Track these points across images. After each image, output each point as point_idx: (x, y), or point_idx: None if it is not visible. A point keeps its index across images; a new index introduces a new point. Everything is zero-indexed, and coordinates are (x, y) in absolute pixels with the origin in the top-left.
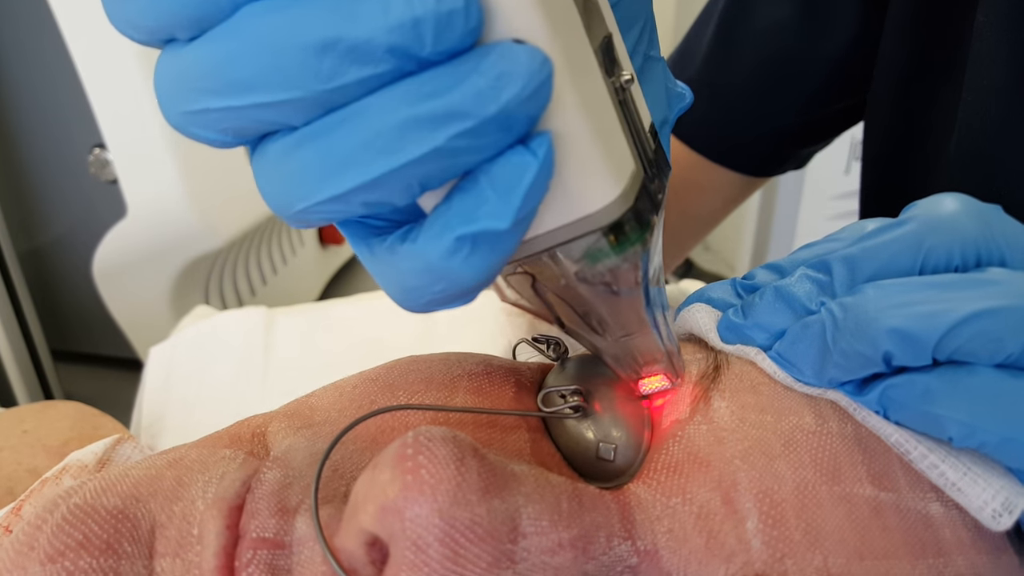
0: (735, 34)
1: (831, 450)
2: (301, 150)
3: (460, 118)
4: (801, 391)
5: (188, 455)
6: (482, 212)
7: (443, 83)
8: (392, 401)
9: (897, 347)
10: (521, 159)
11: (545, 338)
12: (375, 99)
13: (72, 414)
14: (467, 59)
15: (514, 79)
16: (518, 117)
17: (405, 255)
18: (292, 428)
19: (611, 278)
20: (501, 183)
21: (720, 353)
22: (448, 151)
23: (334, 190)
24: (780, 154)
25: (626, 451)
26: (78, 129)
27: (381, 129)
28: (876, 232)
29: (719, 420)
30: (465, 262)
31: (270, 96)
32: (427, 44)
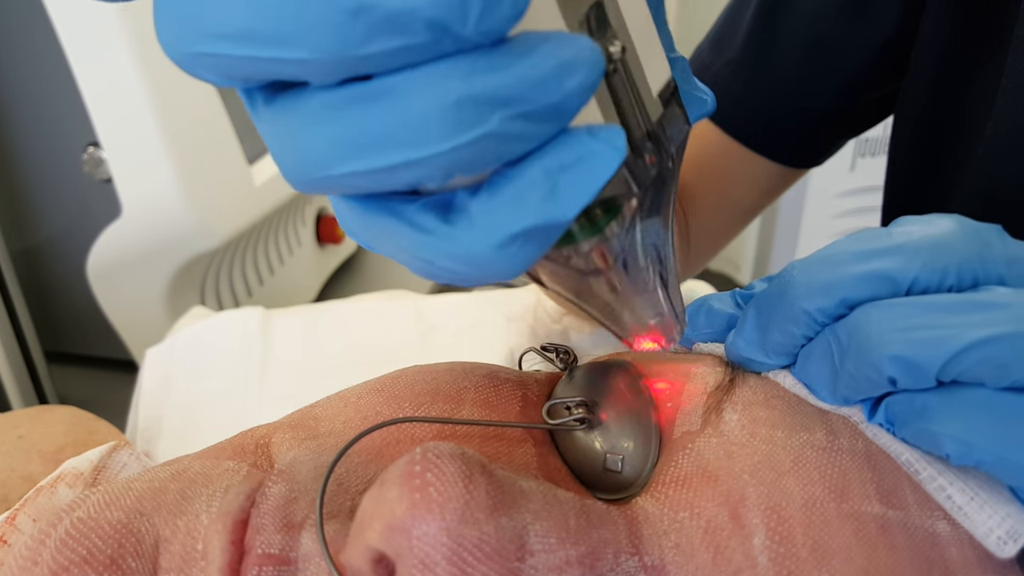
0: (777, 16)
1: (841, 467)
2: (331, 117)
3: (518, 103)
4: (816, 405)
5: (191, 467)
6: (539, 202)
7: (498, 63)
8: (397, 412)
9: (900, 373)
10: (592, 148)
11: (553, 347)
12: (418, 75)
13: (67, 419)
14: (518, 43)
15: (578, 68)
16: (570, 108)
17: (445, 237)
18: (296, 440)
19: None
20: (567, 172)
21: (737, 367)
22: (500, 136)
23: (364, 165)
24: (815, 143)
25: (634, 463)
26: (72, 127)
27: (428, 106)
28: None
29: (729, 434)
30: (512, 256)
31: (292, 53)
32: (470, 22)
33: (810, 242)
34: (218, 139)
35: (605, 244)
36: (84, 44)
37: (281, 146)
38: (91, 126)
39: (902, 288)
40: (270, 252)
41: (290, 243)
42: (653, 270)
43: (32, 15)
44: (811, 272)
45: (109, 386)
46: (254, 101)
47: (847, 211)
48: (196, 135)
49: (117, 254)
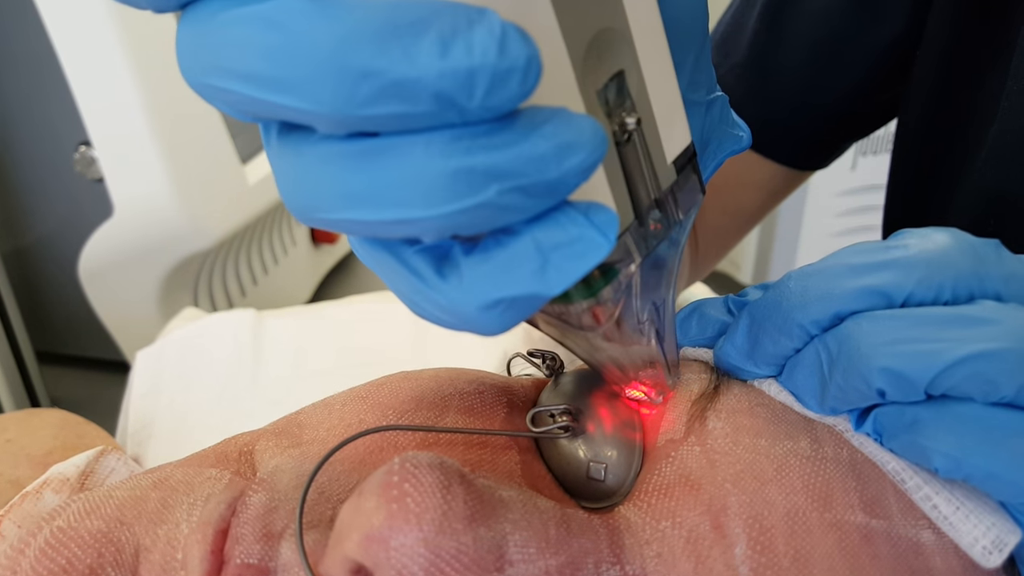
0: (783, 16)
1: (824, 476)
2: (335, 165)
3: (515, 177)
4: (801, 413)
5: (173, 475)
6: (527, 276)
7: (500, 139)
8: (381, 420)
9: (889, 385)
10: (585, 233)
11: (540, 353)
12: (420, 140)
13: (56, 422)
14: (523, 119)
15: (579, 150)
16: (567, 186)
17: (435, 288)
18: (280, 447)
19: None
20: (558, 251)
21: (722, 373)
22: (496, 207)
23: (361, 216)
24: (822, 145)
25: (617, 471)
26: (63, 126)
27: (427, 172)
28: (866, 251)
29: (713, 442)
30: (496, 318)
31: (296, 102)
32: (476, 97)
33: (811, 241)
34: (211, 138)
35: (599, 306)
36: (75, 42)
37: (287, 181)
38: (82, 125)
39: (896, 304)
40: (264, 252)
41: (284, 243)
42: (649, 326)
43: (23, 13)
44: (806, 284)
45: (100, 387)
46: (268, 131)
47: (848, 210)
48: (189, 134)
49: (109, 254)
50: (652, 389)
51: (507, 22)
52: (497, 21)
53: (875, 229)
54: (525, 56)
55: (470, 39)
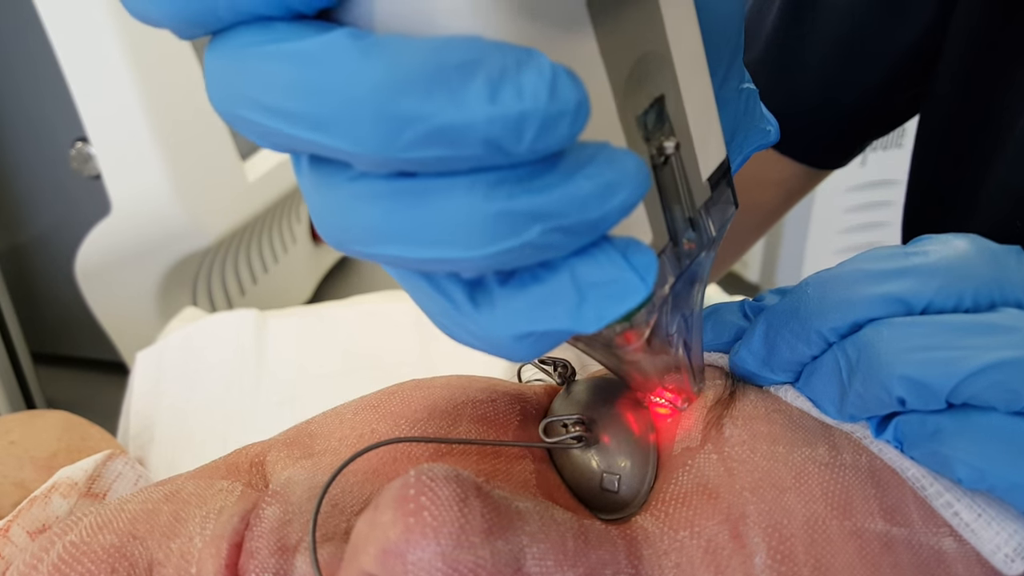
0: (804, 12)
1: (843, 483)
2: (372, 203)
3: (558, 218)
4: (818, 419)
5: (185, 487)
6: (563, 312)
7: (543, 181)
8: (394, 430)
9: (909, 393)
10: (623, 276)
11: (552, 360)
12: (463, 181)
13: (60, 424)
14: (566, 160)
15: (622, 189)
16: (608, 224)
17: (468, 316)
18: (291, 458)
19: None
20: (594, 289)
21: (738, 379)
22: (537, 246)
23: (399, 252)
24: (841, 143)
25: (630, 482)
26: (59, 121)
27: (469, 214)
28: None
29: (730, 450)
30: (528, 348)
31: (334, 142)
32: (524, 142)
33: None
34: (210, 134)
35: (631, 329)
36: (72, 36)
37: (320, 211)
38: (79, 121)
39: (916, 311)
40: (264, 250)
41: (284, 241)
42: (678, 338)
43: (19, 7)
44: (825, 291)
45: (98, 388)
46: (299, 160)
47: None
48: (188, 130)
49: (106, 253)
50: (677, 396)
51: (556, 64)
52: (547, 63)
53: (885, 225)
54: (575, 100)
55: (519, 83)
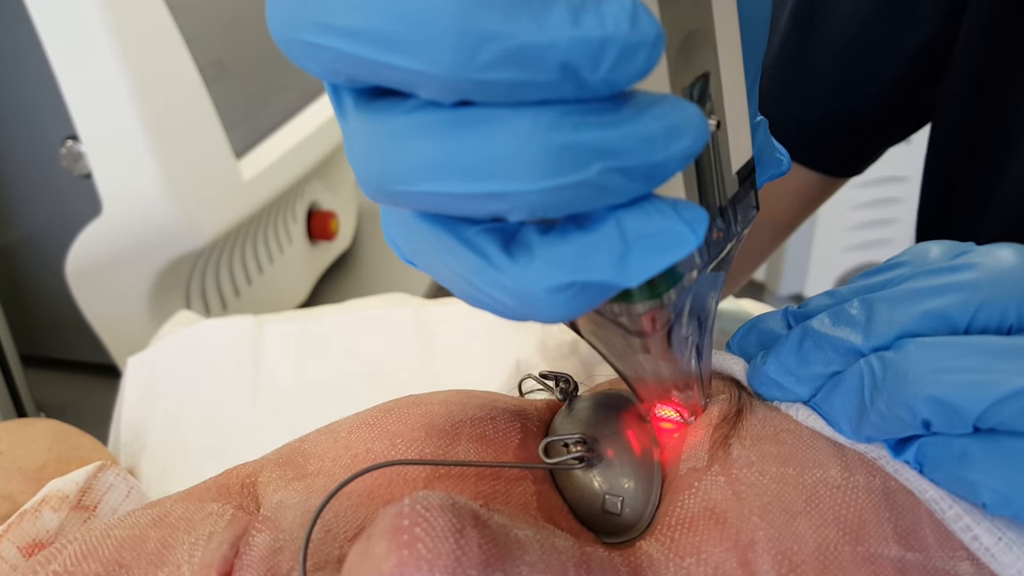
0: (816, 17)
1: (856, 507)
2: (429, 134)
3: (620, 157)
4: (830, 439)
5: (173, 511)
6: (606, 263)
7: (610, 118)
8: (390, 449)
9: (936, 416)
10: (674, 227)
11: (553, 375)
12: (529, 112)
13: (49, 434)
14: (631, 102)
15: (685, 134)
16: (668, 171)
17: (501, 268)
18: (284, 479)
19: (625, 319)
20: (641, 241)
21: (745, 394)
22: (594, 186)
23: (450, 188)
24: (856, 150)
25: (634, 504)
26: (48, 119)
27: (532, 145)
28: (930, 274)
29: (738, 472)
30: (563, 303)
31: (408, 63)
32: (601, 70)
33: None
34: (204, 132)
35: (658, 310)
36: (62, 31)
37: (365, 151)
38: (69, 118)
39: (960, 328)
40: (259, 250)
41: (280, 241)
42: (692, 342)
43: (6, 1)
44: (871, 310)
45: (89, 392)
46: (342, 101)
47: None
48: (181, 128)
49: (97, 254)
50: (684, 408)
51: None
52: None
53: (893, 222)
54: (654, 32)
55: (601, 10)
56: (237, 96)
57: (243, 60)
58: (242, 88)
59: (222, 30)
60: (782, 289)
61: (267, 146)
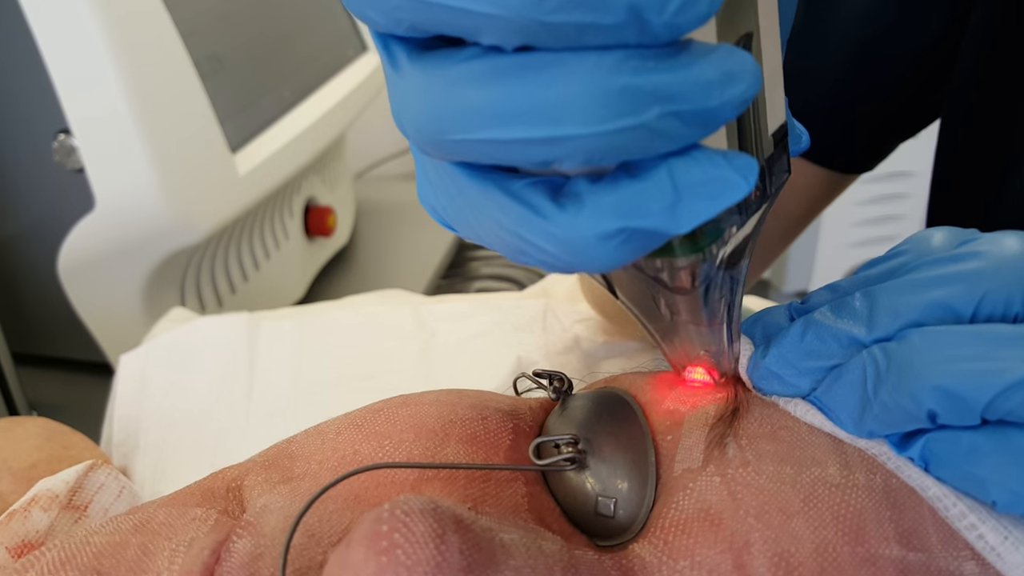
0: (822, 12)
1: (856, 506)
2: (489, 81)
3: (678, 101)
4: (829, 434)
5: (156, 516)
6: (657, 210)
7: (669, 63)
8: (378, 451)
9: (942, 406)
10: (725, 174)
11: (547, 373)
12: (591, 56)
13: (40, 433)
14: (690, 49)
15: (740, 80)
16: (722, 117)
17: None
18: (269, 483)
19: (666, 275)
20: (692, 188)
21: (743, 391)
22: (651, 130)
23: (507, 134)
24: (864, 147)
25: (627, 506)
26: (40, 113)
27: (593, 89)
28: (934, 263)
29: (733, 472)
30: (612, 250)
31: (476, 5)
32: (667, 13)
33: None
34: (199, 126)
35: (698, 266)
36: (54, 23)
37: (420, 101)
38: (61, 112)
39: (965, 317)
40: (255, 246)
41: (277, 236)
42: (724, 304)
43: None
44: (873, 301)
45: (82, 390)
46: (394, 54)
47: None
48: (175, 122)
49: (90, 250)
50: (715, 371)
51: None
52: None
53: (900, 218)
54: None
55: None
56: (233, 89)
57: (239, 54)
58: (238, 81)
59: (218, 23)
60: (787, 286)
61: (263, 140)
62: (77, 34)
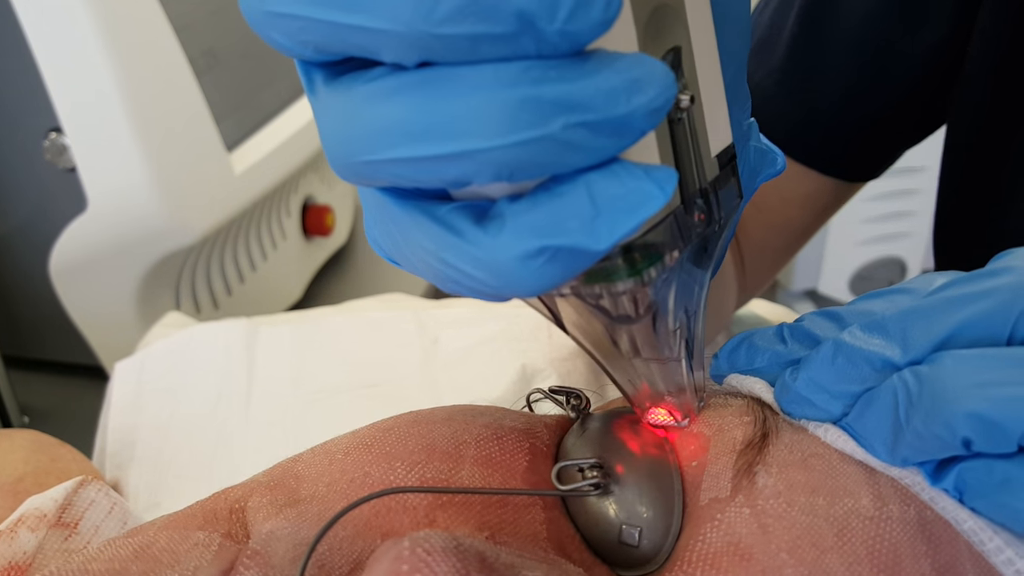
0: (824, 16)
1: (891, 540)
2: (391, 98)
3: (583, 111)
4: (861, 462)
5: (157, 541)
6: (576, 226)
7: (571, 72)
8: (388, 473)
9: (977, 434)
10: (642, 185)
11: (564, 390)
12: (488, 68)
13: (27, 445)
14: (594, 58)
15: (649, 87)
16: (634, 128)
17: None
18: (275, 506)
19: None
20: (610, 202)
21: (771, 416)
22: (559, 142)
23: (415, 152)
24: (868, 154)
25: (653, 535)
26: (31, 111)
27: (494, 101)
28: (960, 282)
29: (764, 503)
30: (536, 271)
31: (369, 21)
32: (558, 20)
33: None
34: (194, 124)
35: (639, 291)
36: (44, 18)
37: (333, 125)
38: (52, 109)
39: (1002, 338)
40: (252, 247)
41: (274, 236)
42: (681, 337)
43: None
44: (906, 318)
45: (76, 395)
46: (312, 79)
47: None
48: (169, 120)
49: (83, 251)
50: (677, 412)
51: None
52: None
53: (910, 215)
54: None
55: None
56: (228, 86)
57: (235, 49)
58: (234, 78)
59: (213, 18)
60: (795, 284)
61: (260, 138)
62: (67, 27)
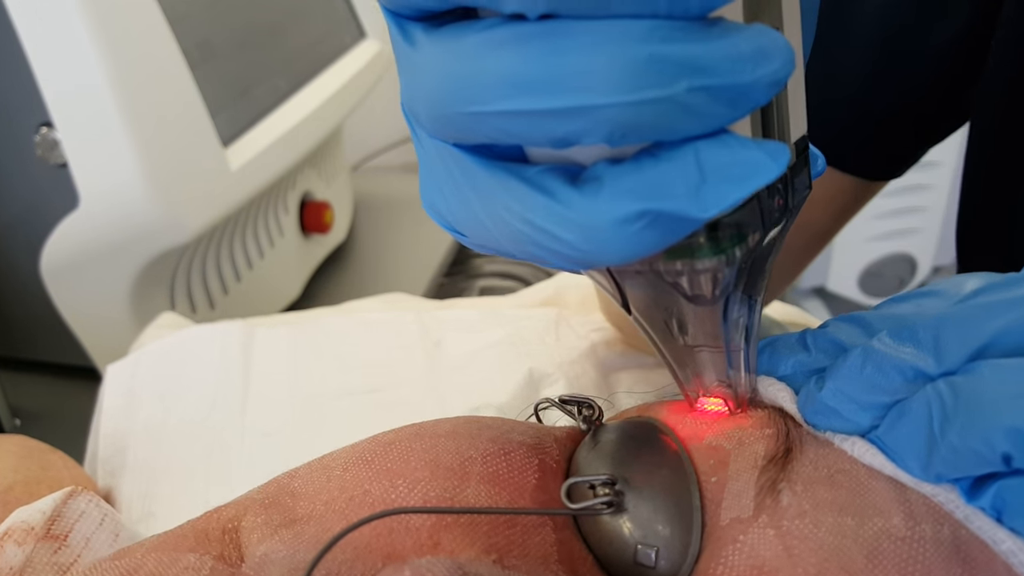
0: (844, 14)
1: (924, 562)
2: (512, 47)
3: (708, 75)
4: (892, 478)
5: (145, 565)
6: (681, 192)
7: (700, 35)
8: (389, 491)
9: (1018, 449)
10: (754, 155)
11: (575, 400)
12: (618, 24)
13: (16, 452)
14: (720, 24)
15: (774, 58)
16: (753, 97)
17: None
18: (270, 526)
19: (685, 279)
20: (719, 170)
21: (793, 428)
22: (679, 105)
23: (529, 105)
24: (892, 152)
25: (671, 555)
26: (21, 105)
27: (620, 57)
28: (996, 287)
29: (789, 523)
30: (632, 236)
31: None
32: None
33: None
34: (188, 118)
35: (719, 270)
36: (34, 10)
37: (436, 75)
38: (43, 104)
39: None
40: (248, 245)
41: (271, 234)
42: (742, 327)
43: None
44: (940, 325)
45: (68, 396)
46: (409, 32)
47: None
48: (163, 114)
49: (75, 249)
50: (731, 401)
51: None
52: None
53: (922, 210)
54: None
55: None
56: (224, 80)
57: (231, 42)
58: (229, 71)
59: (208, 8)
60: (804, 282)
61: (256, 133)
62: (58, 18)
